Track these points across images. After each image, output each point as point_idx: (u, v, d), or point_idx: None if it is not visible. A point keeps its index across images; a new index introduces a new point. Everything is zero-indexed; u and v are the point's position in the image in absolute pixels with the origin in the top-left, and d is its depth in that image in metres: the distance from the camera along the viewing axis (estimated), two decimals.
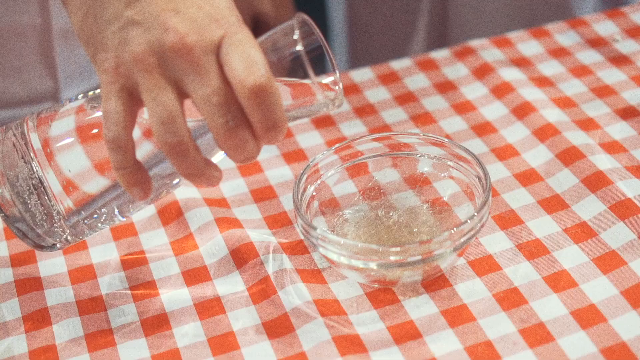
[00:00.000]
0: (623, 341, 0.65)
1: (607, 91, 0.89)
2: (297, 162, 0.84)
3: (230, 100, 0.60)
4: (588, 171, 0.78)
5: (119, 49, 0.61)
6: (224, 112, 0.60)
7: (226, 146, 0.62)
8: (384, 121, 0.89)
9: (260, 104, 0.60)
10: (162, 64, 0.60)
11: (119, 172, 0.63)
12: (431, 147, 0.77)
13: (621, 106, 0.87)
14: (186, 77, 0.60)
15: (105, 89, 0.62)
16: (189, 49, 0.60)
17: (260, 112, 0.60)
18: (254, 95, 0.59)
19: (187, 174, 0.63)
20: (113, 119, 0.62)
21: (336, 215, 0.76)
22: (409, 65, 0.95)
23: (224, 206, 0.80)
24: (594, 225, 0.74)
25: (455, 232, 0.68)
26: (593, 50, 0.95)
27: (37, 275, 0.75)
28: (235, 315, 0.70)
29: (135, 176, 0.64)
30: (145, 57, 0.60)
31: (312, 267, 0.73)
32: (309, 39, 0.64)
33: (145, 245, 0.77)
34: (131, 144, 0.62)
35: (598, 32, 0.98)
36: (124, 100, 0.61)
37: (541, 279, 0.70)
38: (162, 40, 0.60)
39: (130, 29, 0.61)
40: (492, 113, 0.88)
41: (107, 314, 0.72)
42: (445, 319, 0.68)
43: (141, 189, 0.64)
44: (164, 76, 0.60)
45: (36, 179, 0.67)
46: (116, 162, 0.63)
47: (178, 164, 0.62)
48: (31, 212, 0.68)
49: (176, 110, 0.60)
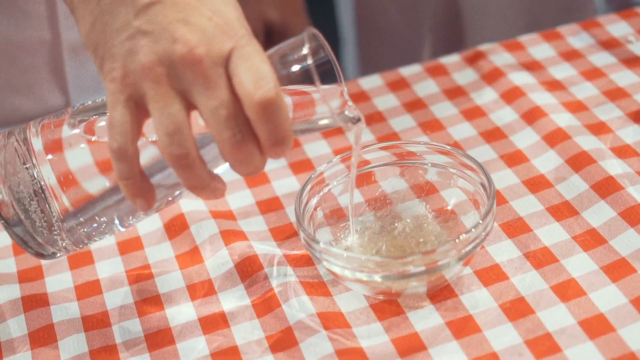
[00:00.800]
0: (632, 351, 0.64)
1: (619, 94, 0.88)
2: (304, 172, 0.84)
3: (238, 114, 0.60)
4: (598, 177, 0.77)
5: (126, 58, 0.61)
6: (231, 126, 0.60)
7: (232, 159, 0.61)
8: (393, 129, 0.88)
9: (267, 118, 0.59)
10: (170, 75, 0.60)
11: (123, 182, 0.63)
12: (437, 156, 0.76)
13: (634, 109, 0.85)
14: (194, 88, 0.60)
15: (112, 98, 0.61)
16: (198, 60, 0.59)
17: (268, 127, 0.60)
18: (261, 110, 0.59)
19: (192, 186, 0.63)
20: (118, 129, 0.61)
21: (341, 226, 0.75)
22: (418, 71, 0.95)
23: (230, 218, 0.80)
24: (603, 232, 0.73)
25: (459, 242, 0.67)
26: (606, 52, 0.94)
27: (44, 291, 0.75)
28: (239, 330, 0.70)
29: (139, 187, 0.63)
30: (154, 68, 0.60)
31: (316, 280, 0.73)
32: (318, 53, 0.64)
33: (151, 259, 0.77)
34: (136, 154, 0.62)
35: (611, 33, 0.96)
36: (130, 110, 0.61)
37: (549, 288, 0.69)
38: (171, 51, 0.60)
39: (139, 39, 0.61)
40: (502, 119, 0.87)
41: (112, 330, 0.72)
42: (451, 331, 0.67)
43: (145, 199, 0.64)
44: (171, 87, 0.60)
45: (37, 186, 0.67)
46: (120, 172, 0.62)
47: (183, 176, 0.62)
48: (31, 219, 0.68)
49: (183, 122, 0.60)
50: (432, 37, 1.26)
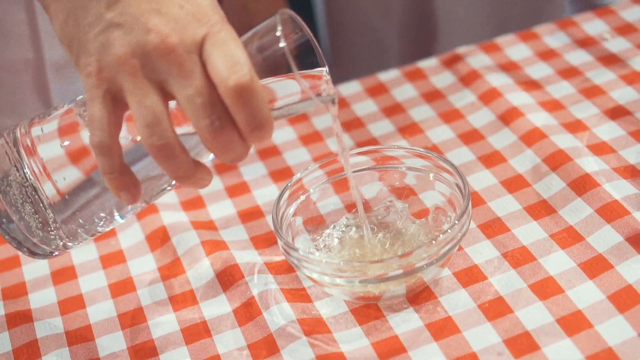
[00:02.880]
0: (609, 347, 0.64)
1: (596, 91, 0.88)
2: (284, 181, 0.84)
3: (215, 101, 0.59)
4: (574, 174, 0.78)
5: (101, 52, 0.60)
6: (208, 113, 0.59)
7: (213, 147, 0.61)
8: (372, 134, 0.88)
9: (243, 103, 0.59)
10: (145, 66, 0.60)
11: (106, 177, 0.62)
12: (415, 159, 0.76)
13: (610, 106, 0.86)
14: (170, 78, 0.59)
15: (89, 93, 0.61)
16: (172, 49, 0.59)
17: (245, 112, 0.59)
18: (237, 95, 0.59)
19: (176, 176, 0.62)
20: (97, 124, 0.61)
21: (321, 233, 0.76)
22: (396, 76, 0.95)
23: (211, 229, 0.80)
24: (580, 229, 0.74)
25: (436, 243, 0.67)
26: (582, 50, 0.94)
27: (28, 308, 0.76)
28: (221, 339, 0.70)
29: (122, 180, 0.63)
30: (128, 60, 0.60)
31: (297, 286, 0.73)
32: (293, 34, 0.63)
33: (134, 272, 0.78)
34: (117, 148, 0.62)
35: (587, 31, 0.97)
36: (108, 105, 0.61)
37: (527, 287, 0.70)
38: (144, 42, 0.59)
39: (112, 32, 0.60)
40: (479, 120, 0.87)
41: (95, 344, 0.72)
42: (430, 332, 0.68)
43: (129, 193, 0.63)
44: (147, 78, 0.60)
45: (30, 187, 0.66)
46: (103, 166, 0.62)
47: (166, 166, 0.62)
48: (25, 220, 0.67)
49: (161, 113, 0.60)
50: (402, 41, 1.26)
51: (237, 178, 0.85)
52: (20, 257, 0.81)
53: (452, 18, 1.22)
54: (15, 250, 0.81)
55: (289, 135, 0.90)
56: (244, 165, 0.87)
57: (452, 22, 1.22)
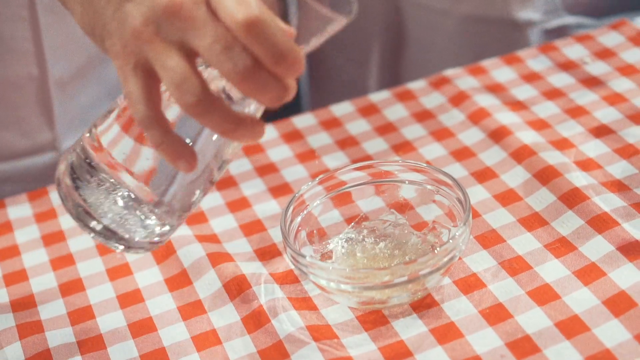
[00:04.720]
0: (607, 348, 0.68)
1: (580, 111, 0.92)
2: (283, 196, 0.87)
3: (233, 44, 0.59)
4: (565, 188, 0.81)
5: (120, 30, 0.62)
6: (230, 57, 0.59)
7: (247, 91, 0.60)
8: (366, 152, 0.92)
9: (257, 36, 0.58)
10: (160, 30, 0.60)
11: (159, 149, 0.62)
12: (413, 173, 0.79)
13: (594, 125, 0.90)
14: (186, 34, 0.60)
15: (121, 72, 0.62)
16: (180, 5, 0.60)
17: (262, 45, 0.58)
18: (248, 29, 0.58)
19: (223, 130, 0.61)
20: (136, 99, 0.61)
21: (324, 244, 0.78)
22: (387, 97, 0.99)
23: (215, 242, 0.82)
24: (573, 240, 0.77)
25: (439, 252, 0.70)
26: (564, 73, 0.98)
27: (38, 319, 0.77)
28: (232, 346, 0.73)
29: (175, 149, 0.62)
30: (144, 29, 0.60)
31: (303, 295, 0.76)
32: None
33: (141, 284, 0.80)
34: (161, 118, 0.62)
35: (568, 55, 1.01)
36: (140, 78, 0.61)
37: (525, 293, 0.73)
38: (154, 8, 0.60)
39: (125, 6, 0.62)
40: (470, 138, 0.91)
41: (107, 352, 0.74)
42: (434, 337, 0.71)
43: (185, 160, 0.63)
44: (165, 41, 0.60)
45: (122, 194, 0.66)
46: (152, 139, 0.62)
47: (208, 123, 0.61)
48: (125, 227, 0.67)
49: (186, 70, 0.60)
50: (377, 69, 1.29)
51: (238, 193, 0.88)
52: (27, 271, 0.83)
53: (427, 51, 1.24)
54: (22, 263, 0.83)
55: (286, 153, 0.92)
56: (243, 181, 0.89)
57: (427, 55, 1.24)
